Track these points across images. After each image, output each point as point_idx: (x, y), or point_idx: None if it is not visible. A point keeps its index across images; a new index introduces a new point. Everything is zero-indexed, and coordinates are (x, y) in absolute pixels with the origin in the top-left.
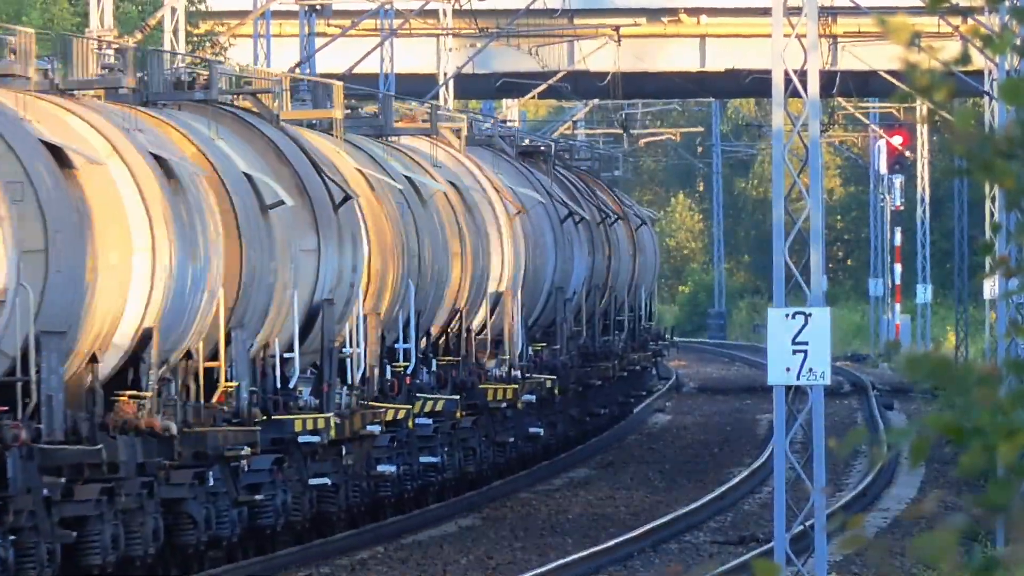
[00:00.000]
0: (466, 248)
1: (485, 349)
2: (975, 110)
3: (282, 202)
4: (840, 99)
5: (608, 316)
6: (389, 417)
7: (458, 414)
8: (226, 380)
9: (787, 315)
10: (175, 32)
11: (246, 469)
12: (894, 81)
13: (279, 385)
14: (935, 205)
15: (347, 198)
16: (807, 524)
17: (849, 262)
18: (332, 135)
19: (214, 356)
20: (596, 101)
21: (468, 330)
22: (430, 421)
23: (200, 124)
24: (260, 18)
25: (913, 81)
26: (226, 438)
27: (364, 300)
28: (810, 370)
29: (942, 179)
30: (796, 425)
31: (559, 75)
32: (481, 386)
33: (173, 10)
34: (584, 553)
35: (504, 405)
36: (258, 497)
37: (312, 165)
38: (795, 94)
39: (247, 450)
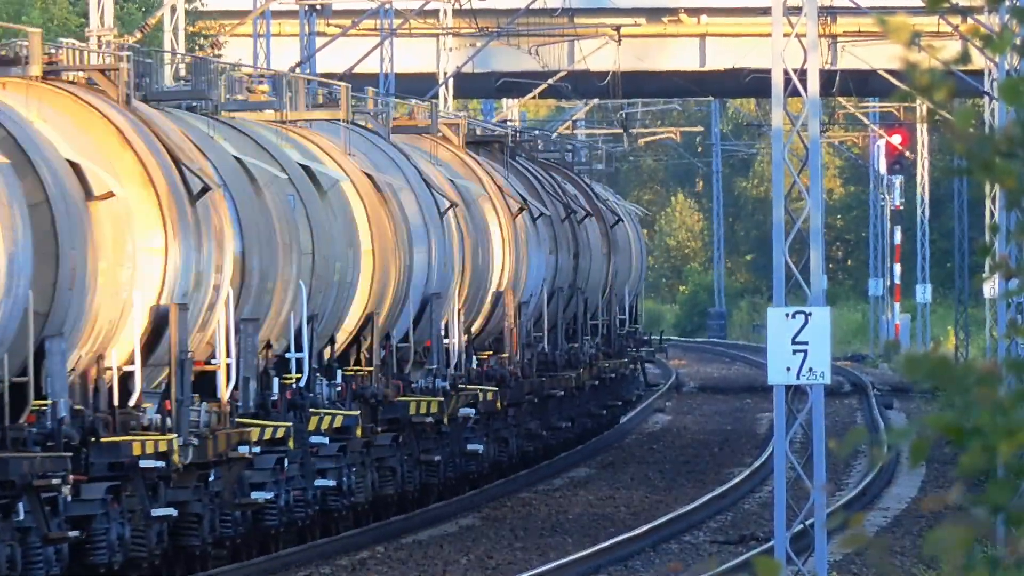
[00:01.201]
0: (383, 245)
1: (409, 358)
2: (975, 110)
3: (112, 193)
4: (840, 99)
5: (577, 321)
6: (268, 436)
7: (376, 431)
8: (40, 397)
9: (787, 314)
10: (175, 32)
11: (68, 499)
12: (894, 81)
13: (118, 402)
14: (935, 205)
15: (205, 189)
16: (807, 523)
17: (849, 262)
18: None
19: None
20: (596, 101)
21: (388, 337)
22: (326, 440)
23: (19, 103)
24: (260, 18)
25: (913, 81)
26: (33, 465)
27: (237, 304)
28: (810, 370)
29: (942, 179)
30: (796, 424)
31: (559, 75)
32: (400, 399)
33: (173, 10)
34: (584, 553)
35: (429, 420)
36: (74, 533)
37: (168, 152)
38: (795, 93)
39: (62, 479)
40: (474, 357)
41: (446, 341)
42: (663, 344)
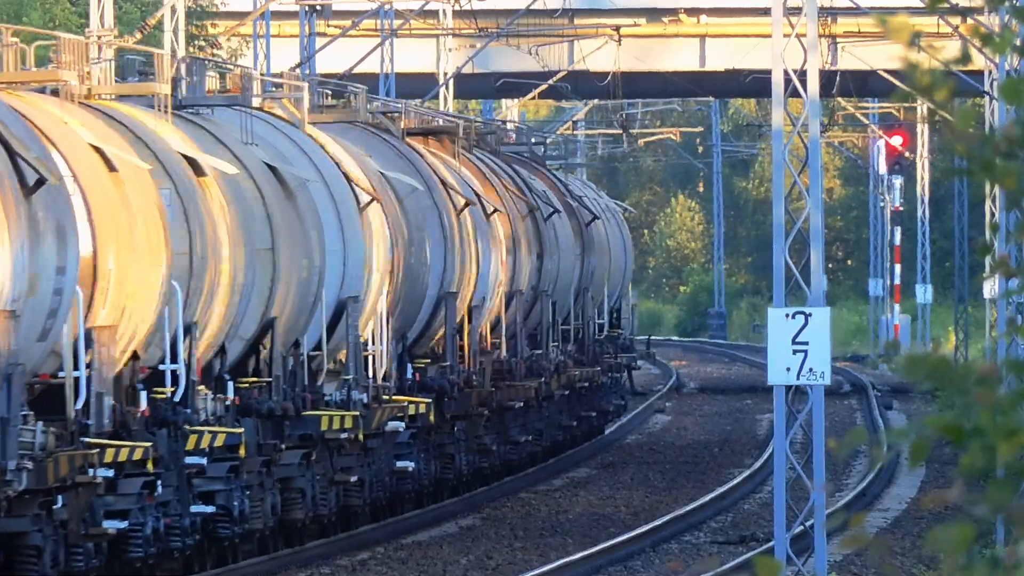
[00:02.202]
0: (287, 243)
1: (322, 368)
2: (975, 110)
3: None
4: (840, 99)
5: (542, 326)
6: (124, 457)
7: (279, 448)
8: None
9: (787, 315)
10: (175, 32)
11: None
12: (894, 81)
13: None
14: (935, 205)
15: (41, 181)
16: (807, 524)
17: (849, 262)
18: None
19: None
20: (596, 101)
21: (297, 345)
22: (203, 460)
23: None
24: (260, 18)
25: (914, 81)
26: None
27: (90, 310)
28: (810, 370)
29: (942, 179)
30: (796, 425)
31: (559, 75)
32: (309, 413)
33: (173, 10)
34: (584, 553)
35: (344, 436)
36: None
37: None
38: (795, 94)
39: None
40: (409, 366)
41: (372, 348)
42: (650, 350)
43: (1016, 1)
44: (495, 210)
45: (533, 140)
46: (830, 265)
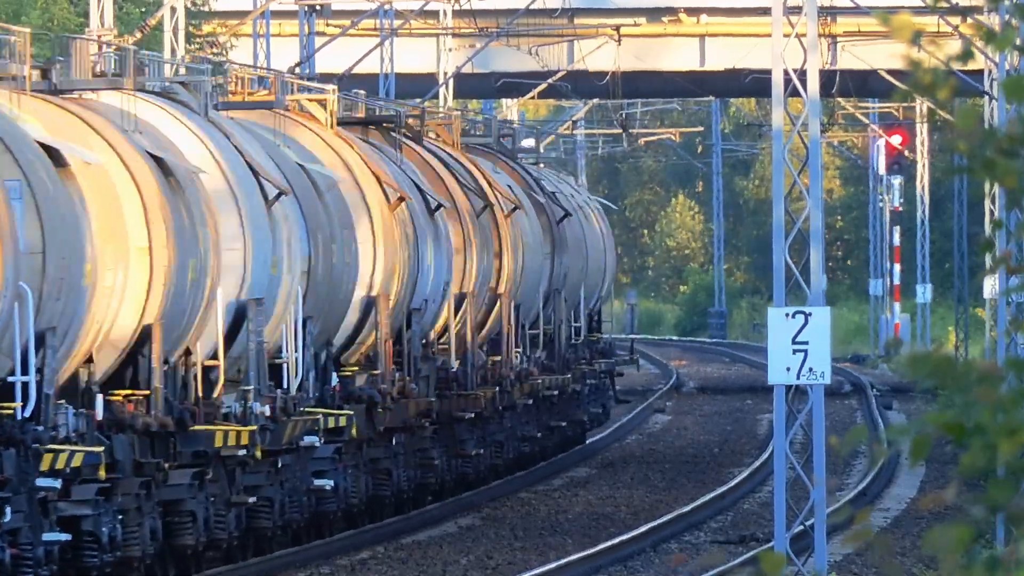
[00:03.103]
0: (173, 242)
1: (219, 379)
2: (975, 109)
3: None
4: (840, 99)
5: (503, 331)
6: None
7: (162, 467)
8: None
9: (787, 314)
10: (175, 32)
11: None
12: (893, 80)
13: None
14: (935, 205)
15: None
16: (807, 524)
17: (849, 262)
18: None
19: None
20: (596, 101)
21: (189, 353)
22: (56, 483)
23: None
24: (260, 18)
25: (915, 79)
26: None
27: None
28: (810, 369)
29: (942, 179)
30: (796, 425)
31: (559, 75)
32: (197, 429)
33: (173, 10)
34: (584, 553)
35: (242, 453)
36: None
37: None
38: (795, 93)
39: None
40: (334, 375)
41: (285, 356)
42: (634, 356)
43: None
44: (439, 205)
45: (502, 132)
46: (830, 265)
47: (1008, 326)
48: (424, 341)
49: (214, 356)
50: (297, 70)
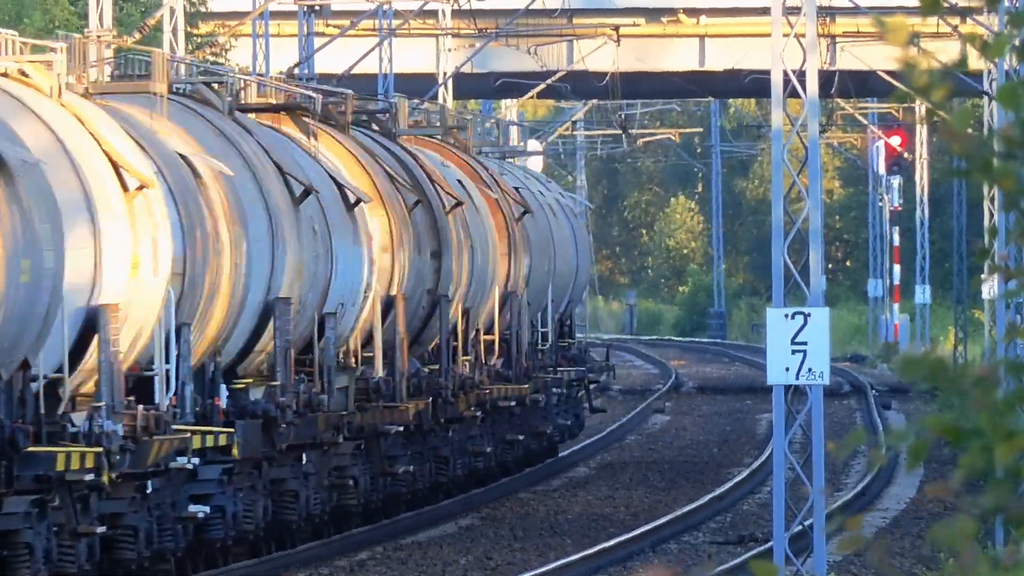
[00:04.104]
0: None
1: (64, 396)
2: (974, 111)
3: None
4: (839, 99)
5: (442, 336)
6: None
7: None
8: None
9: (786, 315)
10: (174, 32)
11: None
12: (893, 81)
13: None
14: (934, 205)
15: None
16: (806, 524)
17: (848, 263)
18: None
19: None
20: (595, 101)
21: (28, 367)
22: None
23: None
24: (259, 18)
25: (912, 81)
26: None
27: None
28: (809, 370)
29: (941, 180)
30: (795, 425)
31: (558, 75)
32: (33, 450)
33: (172, 10)
34: (584, 553)
35: (90, 478)
36: None
37: None
38: (794, 94)
39: None
40: (223, 388)
41: (155, 368)
42: (609, 363)
43: (1016, 2)
44: (358, 200)
45: (453, 123)
46: (829, 265)
47: (1007, 331)
48: (345, 349)
49: (59, 370)
50: (296, 71)
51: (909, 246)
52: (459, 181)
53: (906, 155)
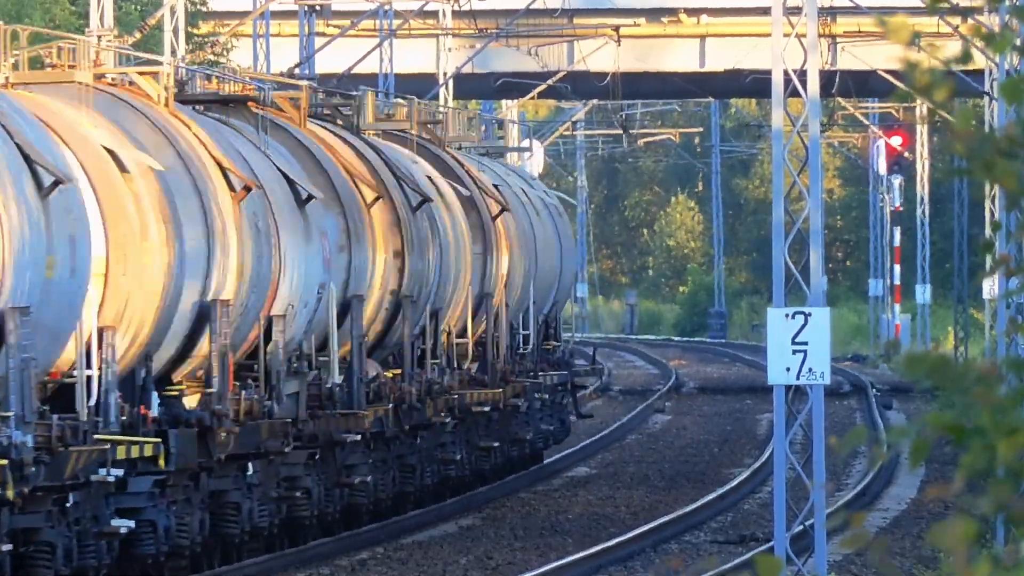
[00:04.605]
0: None
1: None
2: (975, 110)
3: None
4: (839, 99)
5: (406, 340)
6: None
7: None
8: None
9: (787, 315)
10: (175, 32)
11: None
12: (894, 81)
13: None
14: (935, 205)
15: None
16: (807, 524)
17: (848, 263)
18: None
19: None
20: (596, 101)
21: None
22: None
23: None
24: (259, 18)
25: (913, 80)
26: None
27: None
28: (810, 370)
29: (942, 179)
30: (796, 425)
31: (559, 75)
32: None
33: (173, 10)
34: (584, 553)
35: None
36: None
37: None
38: (795, 94)
39: None
40: (154, 395)
41: (88, 372)
42: (597, 366)
43: (1016, 0)
44: (310, 197)
45: (433, 119)
46: (830, 265)
47: (1007, 327)
48: (298, 353)
49: None
50: (297, 71)
51: (910, 246)
52: (429, 177)
53: (907, 155)
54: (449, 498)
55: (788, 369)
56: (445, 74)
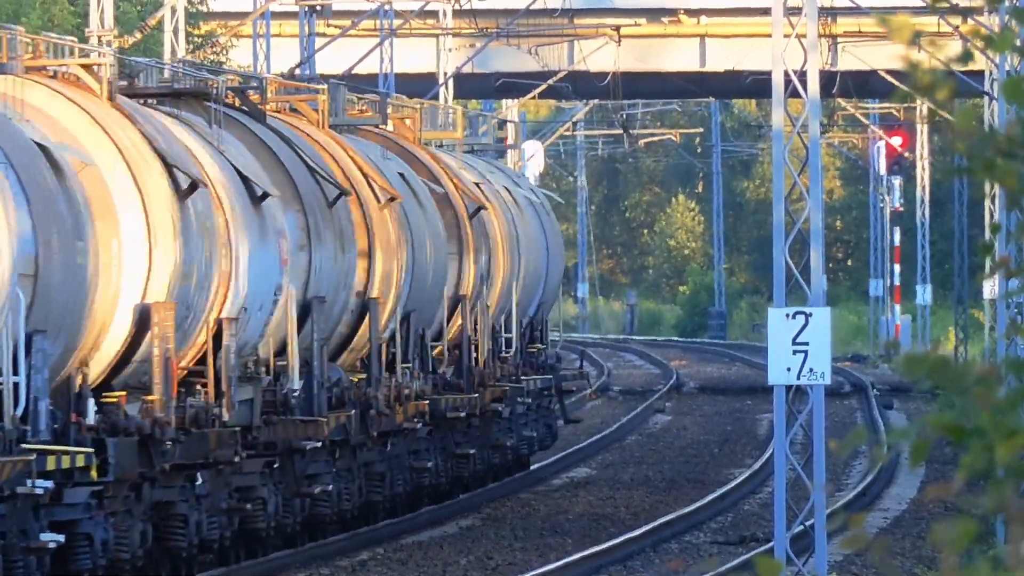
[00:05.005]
0: None
1: None
2: (975, 110)
3: None
4: (840, 100)
5: (373, 343)
6: None
7: None
8: None
9: (787, 315)
10: (175, 32)
11: None
12: (894, 81)
13: None
14: (935, 206)
15: None
16: (807, 524)
17: (849, 262)
18: None
19: None
20: (596, 101)
21: None
22: None
23: None
24: (260, 19)
25: (914, 80)
26: None
27: None
28: (810, 370)
29: (942, 180)
30: (796, 425)
31: (559, 75)
32: None
33: (173, 10)
34: (584, 553)
35: None
36: None
37: None
38: (795, 94)
39: None
40: (91, 403)
41: (15, 379)
42: (583, 371)
43: (1016, 1)
44: (265, 194)
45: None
46: (830, 265)
47: (1007, 329)
48: (255, 358)
49: None
50: (298, 71)
51: (910, 246)
52: (401, 175)
53: (907, 155)
54: (425, 506)
55: (789, 369)
56: (445, 74)
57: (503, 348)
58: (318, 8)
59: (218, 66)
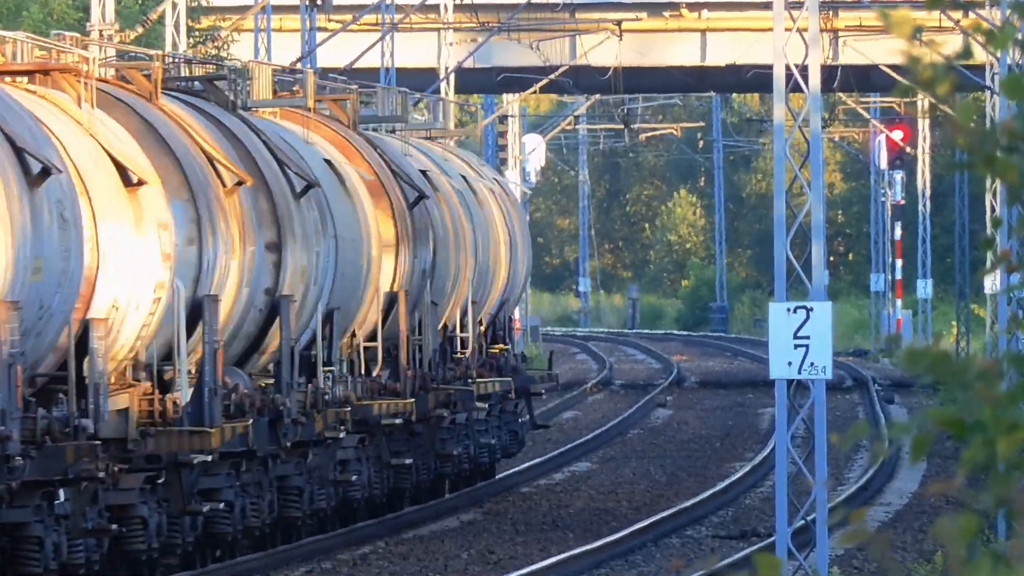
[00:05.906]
0: None
1: None
2: (976, 104)
3: None
4: (841, 94)
5: (284, 345)
6: None
7: None
8: None
9: (789, 309)
10: (176, 27)
11: None
12: (895, 75)
13: None
14: (936, 200)
15: None
16: (809, 518)
17: (850, 257)
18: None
19: None
20: (597, 96)
21: None
22: None
23: None
24: (260, 13)
25: (915, 75)
26: None
27: None
28: (811, 364)
29: (943, 174)
30: (798, 419)
31: (560, 70)
32: None
33: (174, 5)
34: (586, 547)
35: None
36: None
37: None
38: (796, 89)
39: None
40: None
41: None
42: (551, 373)
43: None
44: (141, 181)
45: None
46: (831, 260)
47: (1008, 324)
48: (133, 362)
49: None
50: (299, 66)
51: (911, 240)
52: (328, 161)
53: (908, 150)
54: (359, 521)
55: (790, 363)
56: (446, 68)
57: (457, 348)
58: (319, 2)
59: (218, 60)
